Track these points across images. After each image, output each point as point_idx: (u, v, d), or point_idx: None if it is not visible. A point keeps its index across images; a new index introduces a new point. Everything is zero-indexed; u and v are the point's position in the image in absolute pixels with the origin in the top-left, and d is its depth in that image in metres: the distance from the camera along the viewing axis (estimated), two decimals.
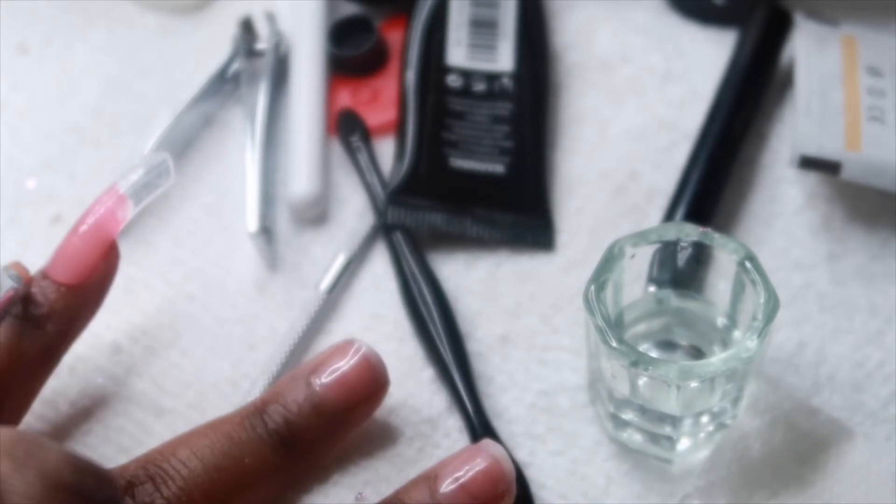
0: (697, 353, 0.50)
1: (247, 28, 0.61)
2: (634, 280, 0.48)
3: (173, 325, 0.54)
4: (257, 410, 0.47)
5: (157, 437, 0.49)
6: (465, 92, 0.58)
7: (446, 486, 0.45)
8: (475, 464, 0.46)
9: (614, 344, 0.44)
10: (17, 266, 0.48)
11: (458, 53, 0.59)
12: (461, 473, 0.46)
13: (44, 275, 0.48)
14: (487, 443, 0.47)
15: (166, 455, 0.45)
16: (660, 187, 0.56)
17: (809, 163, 0.53)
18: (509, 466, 0.46)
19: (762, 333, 0.44)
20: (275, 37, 0.60)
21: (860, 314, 0.53)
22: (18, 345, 0.47)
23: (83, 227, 0.48)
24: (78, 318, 0.49)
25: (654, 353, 0.50)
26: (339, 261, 0.55)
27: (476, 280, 0.55)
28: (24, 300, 0.48)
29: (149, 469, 0.45)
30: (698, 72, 0.59)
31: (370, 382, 0.48)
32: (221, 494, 0.45)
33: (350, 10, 0.62)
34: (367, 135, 0.58)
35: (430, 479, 0.46)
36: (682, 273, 0.48)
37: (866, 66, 0.55)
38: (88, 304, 0.49)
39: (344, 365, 0.48)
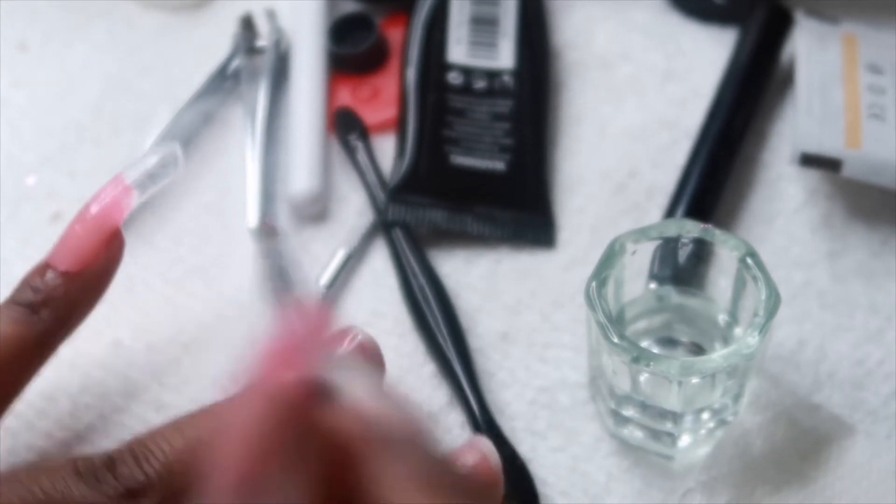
0: (698, 349, 0.50)
1: (247, 26, 0.61)
2: (635, 277, 0.48)
3: (173, 323, 0.54)
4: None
5: None
6: (466, 89, 0.58)
7: None
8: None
9: (616, 339, 0.44)
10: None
11: (459, 51, 0.59)
12: None
13: (45, 265, 0.48)
14: (476, 439, 0.47)
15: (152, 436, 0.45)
16: (660, 185, 0.56)
17: (810, 160, 0.53)
18: (496, 461, 0.46)
19: (763, 330, 0.44)
20: (275, 34, 0.60)
21: (860, 312, 0.53)
22: (14, 330, 0.46)
23: (85, 215, 0.48)
24: (77, 307, 0.48)
25: (655, 350, 0.50)
26: (339, 257, 0.55)
27: (476, 277, 0.55)
28: (23, 285, 0.48)
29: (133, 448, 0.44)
30: (699, 70, 0.60)
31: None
32: None
33: (350, 7, 0.62)
34: (364, 133, 0.58)
35: None
36: (683, 270, 0.48)
37: (867, 64, 0.55)
38: (89, 292, 0.48)
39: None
